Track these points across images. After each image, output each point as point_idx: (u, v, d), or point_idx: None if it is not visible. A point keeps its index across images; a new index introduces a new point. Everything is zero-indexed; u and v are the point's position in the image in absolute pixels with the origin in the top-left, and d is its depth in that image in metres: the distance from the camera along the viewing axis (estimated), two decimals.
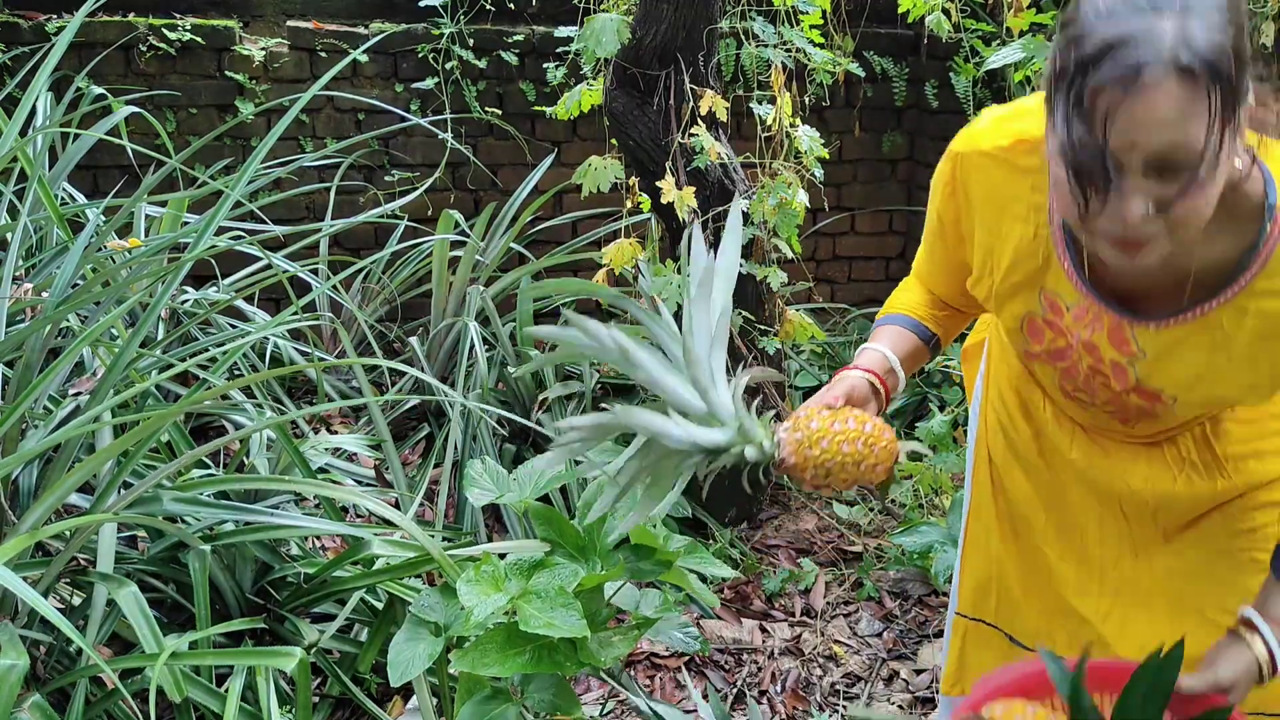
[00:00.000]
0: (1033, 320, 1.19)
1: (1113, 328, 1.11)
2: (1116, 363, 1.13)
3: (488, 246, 3.28)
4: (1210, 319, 1.06)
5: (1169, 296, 1.07)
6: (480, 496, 1.56)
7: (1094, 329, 1.13)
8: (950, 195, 1.21)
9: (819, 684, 2.19)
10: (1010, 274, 1.17)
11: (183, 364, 2.00)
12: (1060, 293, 1.14)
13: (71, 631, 1.36)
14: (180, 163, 2.37)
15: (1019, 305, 1.19)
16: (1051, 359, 1.20)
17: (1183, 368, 1.09)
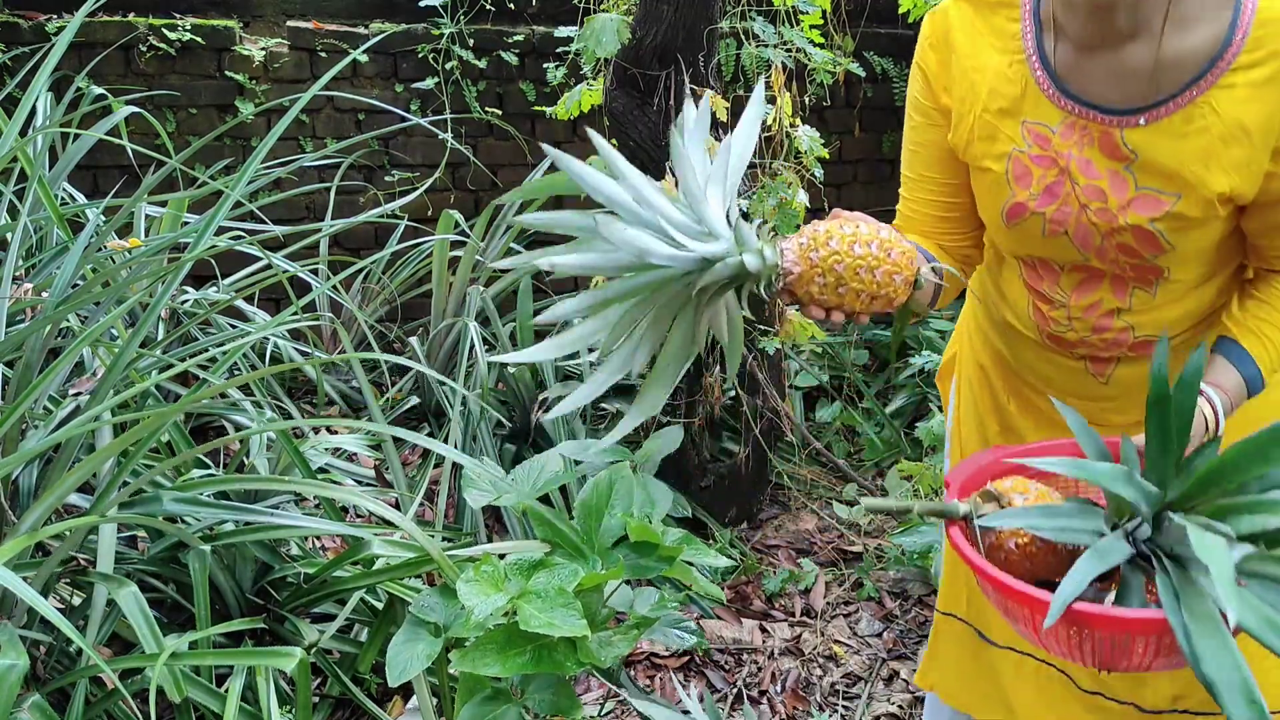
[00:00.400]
0: (1018, 160, 1.18)
1: (1103, 138, 1.12)
2: (1114, 172, 1.12)
3: (488, 246, 3.28)
4: (1198, 105, 1.07)
5: (1146, 96, 1.09)
6: (479, 497, 1.56)
7: (1084, 144, 1.13)
8: (933, 48, 1.23)
9: (819, 684, 2.19)
10: (991, 103, 1.18)
11: (183, 364, 2.00)
12: (1043, 119, 1.15)
13: (71, 631, 1.36)
14: (180, 163, 2.37)
15: (1003, 143, 1.18)
16: (1043, 202, 1.17)
17: (1176, 159, 1.09)
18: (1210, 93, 1.06)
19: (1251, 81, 1.05)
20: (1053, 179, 1.16)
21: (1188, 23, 1.06)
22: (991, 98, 1.18)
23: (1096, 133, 1.12)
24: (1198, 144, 1.08)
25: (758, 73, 2.56)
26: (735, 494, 2.74)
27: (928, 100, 1.27)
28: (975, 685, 1.50)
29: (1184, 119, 1.08)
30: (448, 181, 3.65)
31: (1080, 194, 1.14)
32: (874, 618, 2.42)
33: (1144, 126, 1.09)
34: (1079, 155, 1.14)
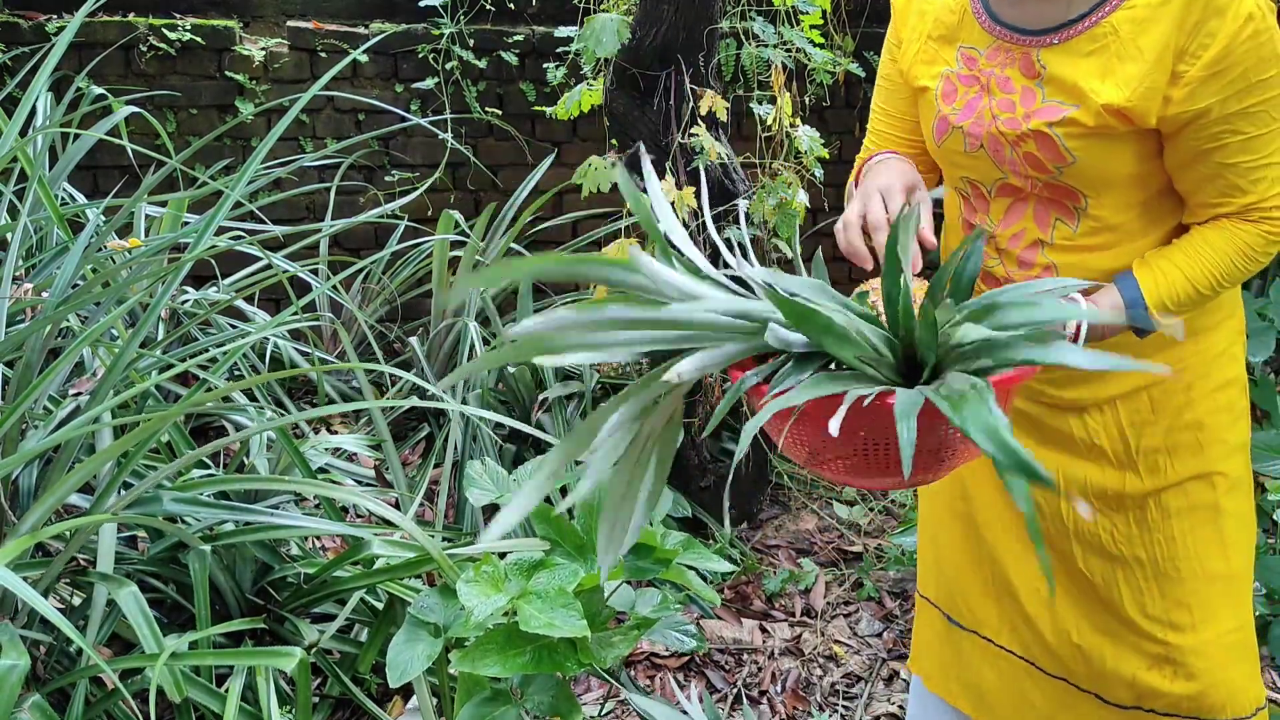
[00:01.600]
0: (949, 79, 1.30)
1: (1023, 59, 1.22)
2: (1027, 88, 1.22)
3: (488, 247, 3.28)
4: (1102, 25, 1.16)
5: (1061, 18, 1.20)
6: (480, 497, 1.56)
7: (1006, 64, 1.24)
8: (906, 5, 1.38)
9: (819, 684, 2.19)
10: (934, 30, 1.32)
11: (183, 364, 2.00)
12: (975, 43, 1.27)
13: (71, 632, 1.36)
14: (180, 163, 2.37)
15: (939, 64, 1.31)
16: (962, 116, 1.28)
17: (1078, 74, 1.18)
18: (1114, 14, 1.15)
19: (1149, 3, 1.13)
20: (973, 95, 1.27)
21: None
22: (935, 26, 1.32)
23: (1018, 54, 1.23)
24: (1098, 60, 1.16)
25: (758, 73, 2.56)
26: (735, 494, 2.74)
27: (893, 37, 1.42)
28: (950, 670, 1.52)
29: (1089, 38, 1.17)
30: (448, 181, 3.65)
31: (994, 106, 1.25)
32: (874, 618, 2.42)
33: (1056, 46, 1.20)
34: (999, 74, 1.24)
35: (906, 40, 1.37)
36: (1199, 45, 1.10)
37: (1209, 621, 1.30)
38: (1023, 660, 1.42)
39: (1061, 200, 1.24)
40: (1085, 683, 1.37)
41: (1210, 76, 1.10)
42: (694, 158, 2.38)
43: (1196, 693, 1.31)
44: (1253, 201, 1.16)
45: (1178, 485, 1.30)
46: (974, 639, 1.47)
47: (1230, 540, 1.31)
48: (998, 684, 1.45)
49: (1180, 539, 1.30)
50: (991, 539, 1.42)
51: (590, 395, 2.91)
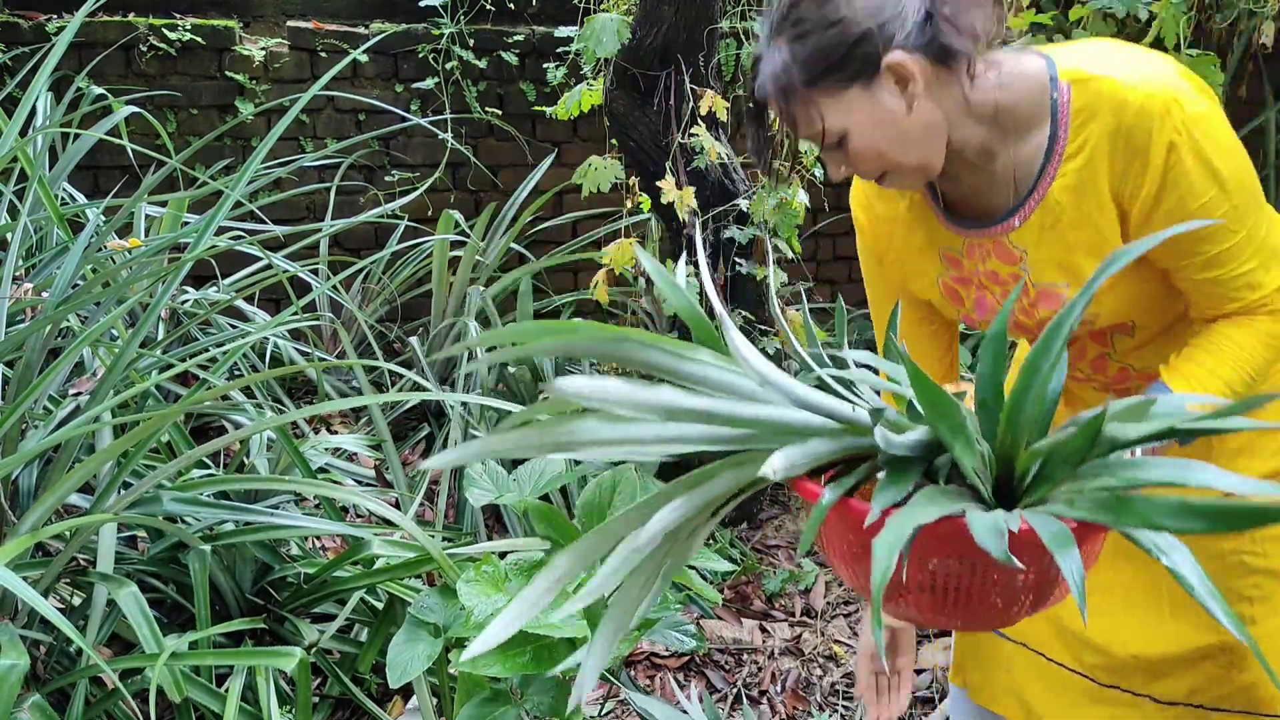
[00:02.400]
0: (945, 285, 1.28)
1: (996, 248, 1.20)
2: (1015, 274, 1.21)
3: (488, 247, 3.28)
4: (1048, 200, 1.15)
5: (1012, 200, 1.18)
6: (480, 497, 1.56)
7: (985, 258, 1.22)
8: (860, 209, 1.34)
9: (819, 684, 2.19)
10: (909, 243, 1.29)
11: (183, 364, 2.00)
12: (950, 244, 1.25)
13: (71, 631, 1.36)
14: (180, 163, 2.37)
15: (930, 273, 1.29)
16: (980, 313, 1.27)
17: (1049, 250, 1.17)
18: (1053, 186, 1.14)
19: (1077, 168, 1.11)
20: (975, 294, 1.26)
21: (1021, 131, 1.13)
22: (908, 239, 1.29)
23: (990, 245, 1.21)
24: (1059, 234, 1.15)
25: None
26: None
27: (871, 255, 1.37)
28: (997, 680, 1.51)
29: (1043, 212, 1.15)
30: (448, 181, 3.65)
31: (998, 301, 1.24)
32: None
33: (1019, 227, 1.17)
34: (984, 269, 1.23)
35: (889, 261, 1.34)
36: (1133, 188, 1.09)
37: (1270, 615, 1.29)
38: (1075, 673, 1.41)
39: (1116, 329, 1.25)
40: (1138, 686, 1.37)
41: (1149, 213, 1.10)
42: (694, 158, 2.38)
43: (1248, 685, 1.30)
44: (1256, 300, 1.14)
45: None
46: (1022, 650, 1.46)
47: None
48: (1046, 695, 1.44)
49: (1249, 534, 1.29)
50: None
51: None
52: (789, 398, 0.76)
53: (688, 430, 0.73)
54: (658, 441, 0.72)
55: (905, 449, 0.75)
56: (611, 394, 0.69)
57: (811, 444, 0.73)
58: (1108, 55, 1.12)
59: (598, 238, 3.43)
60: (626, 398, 0.69)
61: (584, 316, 3.22)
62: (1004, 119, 1.12)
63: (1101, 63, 1.10)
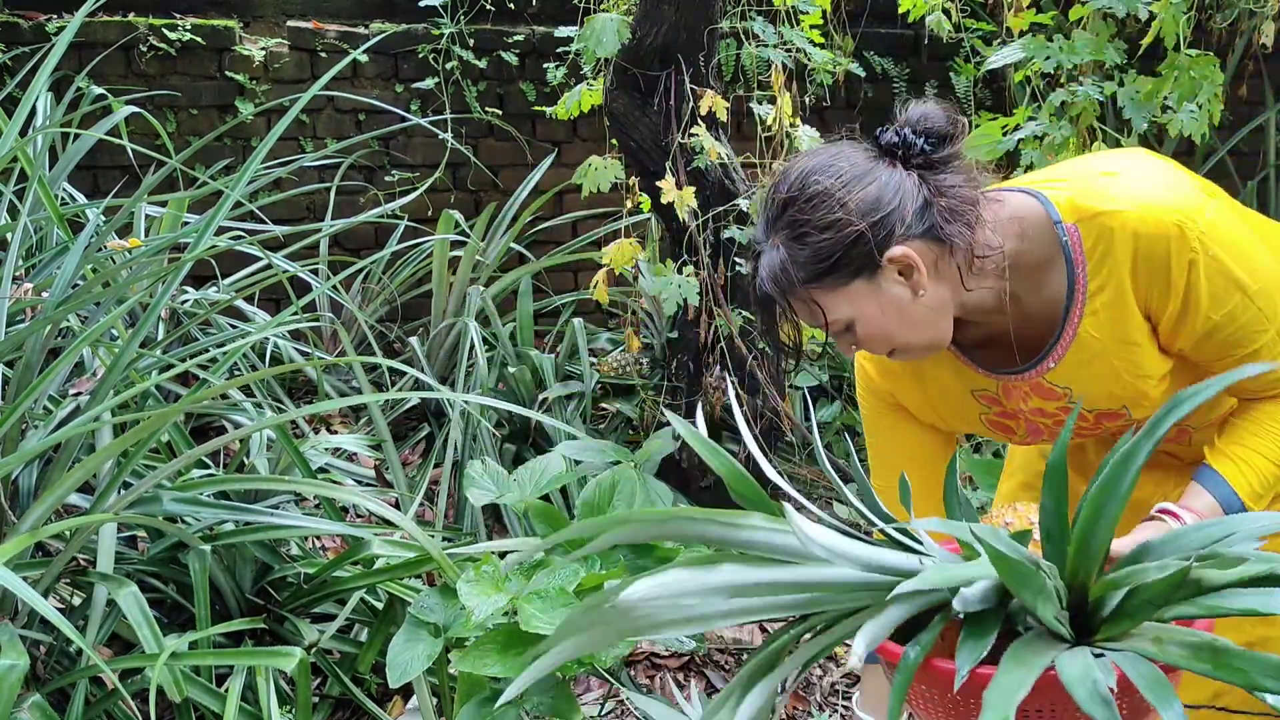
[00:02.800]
0: (991, 421, 1.27)
1: (1035, 388, 1.19)
2: (1063, 408, 1.20)
3: (488, 246, 3.28)
4: (1082, 337, 1.14)
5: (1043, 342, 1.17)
6: (480, 496, 1.56)
7: (1025, 398, 1.21)
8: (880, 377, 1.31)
9: (819, 684, 2.19)
10: (947, 392, 1.26)
11: (183, 364, 2.00)
12: (984, 387, 1.23)
13: (71, 632, 1.36)
14: (180, 163, 2.37)
15: (971, 411, 1.27)
16: (1033, 437, 1.27)
17: (1096, 383, 1.16)
18: (1084, 323, 1.13)
19: (1106, 304, 1.11)
20: (1026, 424, 1.24)
21: (1037, 274, 1.13)
22: (937, 386, 1.26)
23: (1027, 387, 1.20)
24: (1103, 366, 1.15)
25: (758, 73, 2.56)
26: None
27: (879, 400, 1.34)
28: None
29: (1078, 349, 1.15)
30: (448, 181, 3.65)
31: (1055, 427, 1.22)
32: None
33: (1055, 368, 1.17)
34: (1028, 408, 1.22)
35: (916, 407, 1.31)
36: (1157, 307, 1.10)
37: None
38: None
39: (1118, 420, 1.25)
40: None
41: (1177, 326, 1.11)
42: (694, 158, 2.38)
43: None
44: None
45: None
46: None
47: None
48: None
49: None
50: None
51: (590, 395, 2.91)
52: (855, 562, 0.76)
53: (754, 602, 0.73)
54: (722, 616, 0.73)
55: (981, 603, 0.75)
56: (675, 587, 0.70)
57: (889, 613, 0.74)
58: (1099, 184, 1.11)
59: (598, 238, 3.43)
60: (691, 587, 0.70)
61: (584, 316, 3.22)
62: (1017, 263, 1.11)
63: (1099, 195, 1.09)
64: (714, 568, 0.71)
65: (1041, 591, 0.73)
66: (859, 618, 0.75)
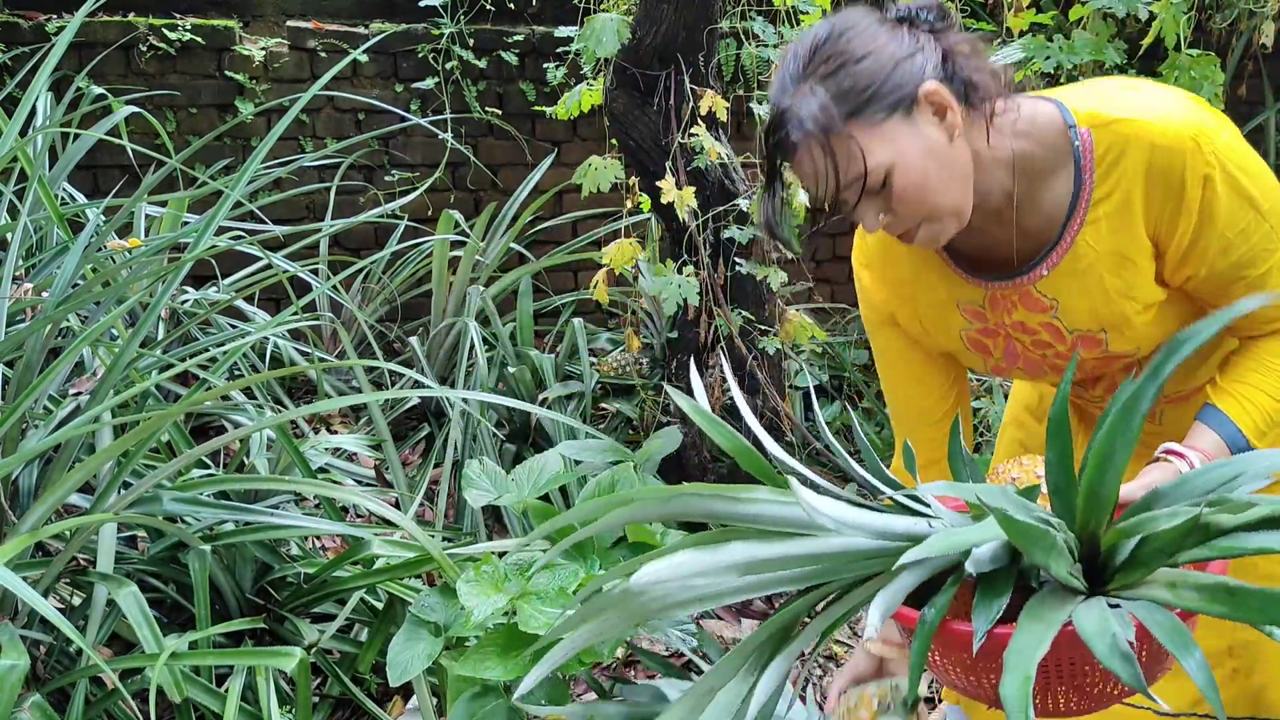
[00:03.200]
0: (970, 337, 1.26)
1: (1023, 298, 1.19)
2: (1046, 324, 1.19)
3: (488, 246, 3.28)
4: (1078, 246, 1.14)
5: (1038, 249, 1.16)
6: (478, 497, 1.56)
7: (1011, 309, 1.20)
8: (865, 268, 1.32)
9: (819, 684, 2.19)
10: (927, 298, 1.26)
11: (183, 364, 2.00)
12: (971, 298, 1.23)
13: (71, 631, 1.36)
14: (180, 163, 2.37)
15: (952, 326, 1.26)
16: (1009, 362, 1.26)
17: (1082, 298, 1.15)
18: (1083, 231, 1.13)
19: (1109, 213, 1.11)
20: (1004, 344, 1.24)
21: (1044, 177, 1.12)
22: (926, 295, 1.26)
23: (1016, 296, 1.19)
24: (1093, 279, 1.14)
25: (758, 72, 2.56)
26: None
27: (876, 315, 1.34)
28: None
29: (1072, 258, 1.14)
30: (448, 181, 3.65)
31: (1031, 348, 1.22)
32: None
33: (1047, 275, 1.16)
34: (1011, 320, 1.21)
35: (904, 317, 1.31)
36: (1168, 227, 1.09)
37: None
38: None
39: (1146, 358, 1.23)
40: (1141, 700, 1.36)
41: (1188, 249, 1.10)
42: (694, 157, 2.38)
43: (1256, 691, 1.30)
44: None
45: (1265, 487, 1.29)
46: None
47: None
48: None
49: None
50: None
51: (590, 395, 2.91)
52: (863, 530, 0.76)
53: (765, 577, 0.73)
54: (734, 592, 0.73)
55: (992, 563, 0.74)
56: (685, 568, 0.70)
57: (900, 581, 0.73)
58: (1120, 95, 1.11)
59: (598, 237, 3.43)
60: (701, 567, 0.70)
61: (584, 316, 3.22)
62: (1025, 166, 1.12)
63: (1118, 104, 1.09)
64: (722, 546, 0.71)
65: (1053, 549, 0.72)
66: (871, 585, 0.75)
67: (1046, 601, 0.72)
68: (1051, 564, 0.73)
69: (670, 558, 0.70)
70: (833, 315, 3.87)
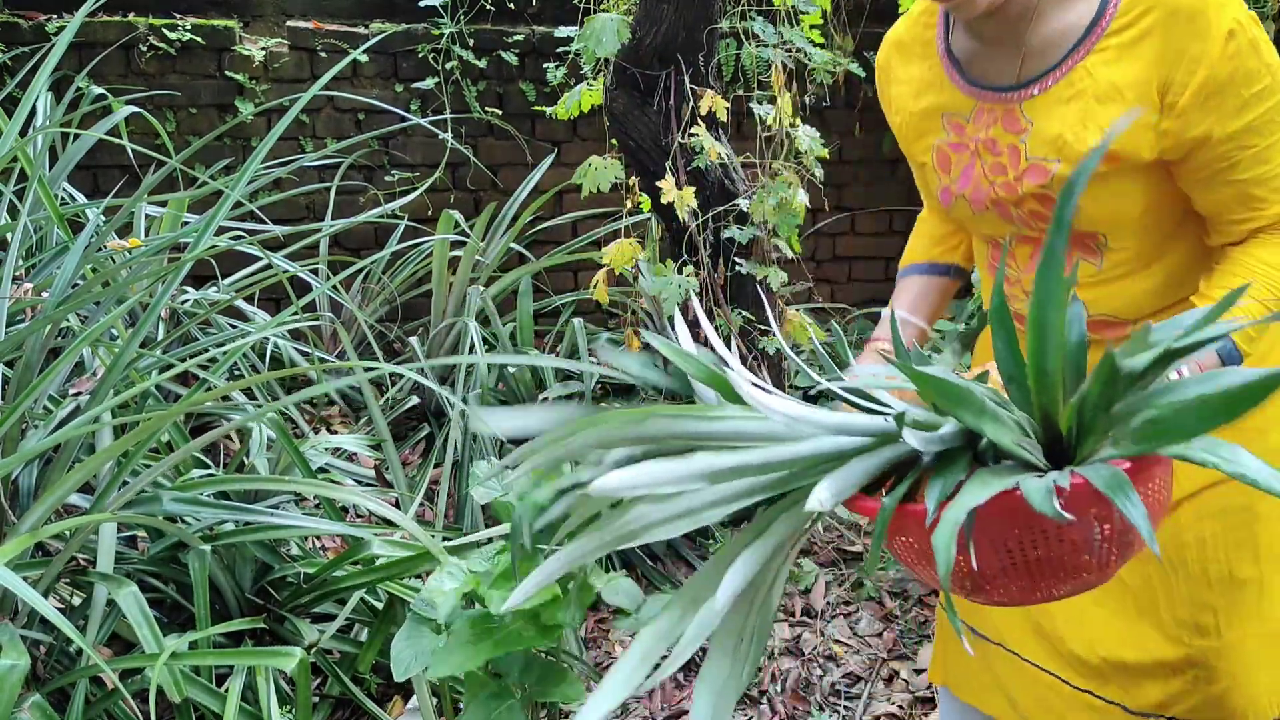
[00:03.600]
0: (940, 150, 1.30)
1: (1005, 116, 1.22)
2: (1011, 146, 1.21)
3: (488, 246, 3.28)
4: (1076, 71, 1.15)
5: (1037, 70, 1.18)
6: (484, 494, 1.56)
7: (990, 125, 1.23)
8: (880, 73, 1.39)
9: (819, 684, 2.19)
10: (916, 104, 1.31)
11: (183, 364, 2.00)
12: (959, 109, 1.26)
13: (71, 631, 1.36)
14: (180, 163, 2.37)
15: (929, 136, 1.31)
16: (961, 185, 1.28)
17: (1060, 125, 1.17)
18: (1087, 59, 1.14)
19: (1121, 43, 1.12)
20: (966, 162, 1.26)
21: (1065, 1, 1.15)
22: (917, 100, 1.31)
23: (1000, 112, 1.22)
24: (1077, 107, 1.15)
25: (758, 73, 2.56)
26: None
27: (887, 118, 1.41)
28: (979, 678, 1.51)
29: (1066, 85, 1.16)
30: (448, 181, 3.65)
31: (987, 171, 1.24)
32: (874, 618, 2.42)
33: (1037, 97, 1.18)
34: (985, 136, 1.23)
35: (896, 124, 1.37)
36: (1184, 74, 1.08)
37: (1235, 625, 1.28)
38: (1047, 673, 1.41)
39: (1082, 241, 1.23)
40: (1111, 694, 1.36)
41: (1202, 102, 1.09)
42: (694, 157, 2.38)
43: (1218, 695, 1.30)
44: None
45: (1212, 487, 1.28)
46: (999, 650, 1.46)
47: (1263, 543, 1.29)
48: (1024, 694, 1.44)
49: (1211, 541, 1.28)
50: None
51: (590, 395, 2.91)
52: (820, 428, 0.76)
53: (735, 486, 0.73)
54: (708, 506, 0.72)
55: (942, 443, 0.75)
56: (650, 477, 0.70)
57: (852, 466, 0.73)
58: None
59: (598, 238, 3.43)
60: (665, 476, 0.70)
61: (584, 316, 3.22)
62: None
63: None
64: (688, 457, 0.71)
65: (985, 413, 0.72)
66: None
67: (998, 471, 0.72)
68: (988, 428, 0.72)
69: (636, 467, 0.70)
70: (833, 315, 3.87)
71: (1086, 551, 0.76)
